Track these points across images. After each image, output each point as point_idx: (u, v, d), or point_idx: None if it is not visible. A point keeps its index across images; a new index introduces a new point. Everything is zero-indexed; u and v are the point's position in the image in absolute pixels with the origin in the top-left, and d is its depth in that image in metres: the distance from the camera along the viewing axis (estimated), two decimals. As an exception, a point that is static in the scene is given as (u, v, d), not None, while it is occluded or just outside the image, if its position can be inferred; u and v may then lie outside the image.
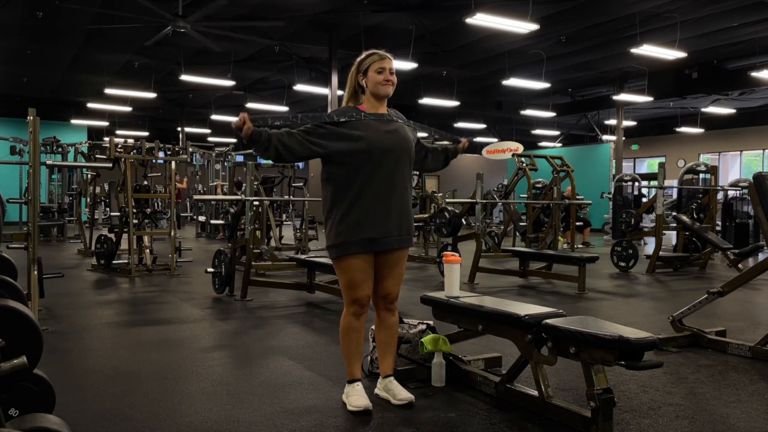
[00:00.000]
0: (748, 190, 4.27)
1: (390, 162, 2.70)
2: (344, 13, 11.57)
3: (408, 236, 2.80)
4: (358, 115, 2.72)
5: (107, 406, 2.79)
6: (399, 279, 2.84)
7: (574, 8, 11.15)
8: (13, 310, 1.84)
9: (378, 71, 2.72)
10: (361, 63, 2.77)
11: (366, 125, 2.70)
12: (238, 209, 6.27)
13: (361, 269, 2.71)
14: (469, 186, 13.28)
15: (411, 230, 2.82)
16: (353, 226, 2.67)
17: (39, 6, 10.88)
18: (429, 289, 4.11)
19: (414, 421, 2.62)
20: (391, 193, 2.71)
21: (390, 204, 2.70)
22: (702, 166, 10.79)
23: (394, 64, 2.79)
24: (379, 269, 2.78)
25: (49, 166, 8.85)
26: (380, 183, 2.68)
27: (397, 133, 2.75)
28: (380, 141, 2.68)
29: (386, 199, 2.70)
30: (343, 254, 2.70)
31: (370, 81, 2.73)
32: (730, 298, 4.20)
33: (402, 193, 2.75)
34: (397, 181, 2.72)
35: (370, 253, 2.71)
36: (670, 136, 23.13)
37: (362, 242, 2.67)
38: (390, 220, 2.70)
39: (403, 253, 2.82)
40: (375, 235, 2.68)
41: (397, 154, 2.72)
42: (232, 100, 19.34)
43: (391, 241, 2.72)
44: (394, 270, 2.80)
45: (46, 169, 13.57)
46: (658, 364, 2.48)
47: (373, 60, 2.74)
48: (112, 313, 5.10)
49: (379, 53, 2.76)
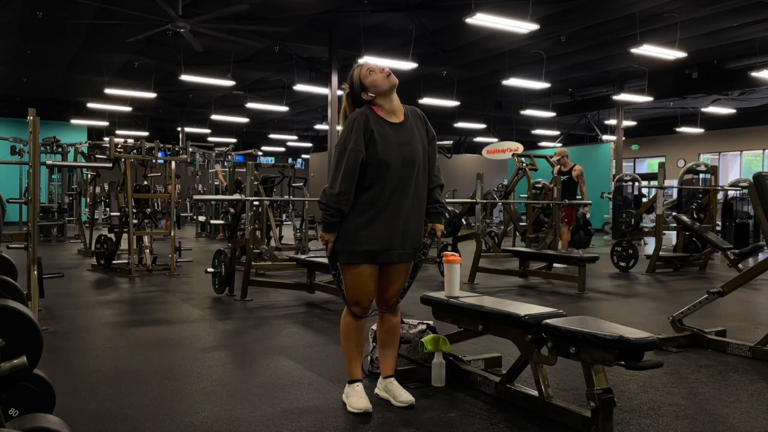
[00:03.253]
0: (748, 190, 4.27)
1: (404, 175, 2.67)
2: (344, 13, 11.56)
3: (412, 251, 2.77)
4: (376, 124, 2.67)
5: (107, 406, 2.78)
6: (402, 286, 2.84)
7: (574, 8, 11.14)
8: (13, 310, 1.84)
9: (369, 72, 2.71)
10: (354, 85, 2.73)
11: (382, 136, 2.65)
12: (238, 209, 6.27)
13: (364, 278, 2.71)
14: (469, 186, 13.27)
15: (416, 245, 2.78)
16: (357, 237, 2.66)
17: (39, 6, 10.88)
18: (429, 289, 4.10)
19: (414, 421, 2.62)
20: (400, 206, 2.68)
21: (398, 218, 2.68)
22: (702, 166, 10.76)
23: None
24: (383, 279, 2.78)
25: (49, 166, 8.85)
26: (391, 197, 2.66)
27: (410, 145, 2.71)
28: (394, 155, 2.65)
29: (395, 213, 2.67)
30: (345, 262, 2.72)
31: (371, 86, 2.69)
32: (730, 298, 4.20)
33: (413, 206, 2.72)
34: (410, 194, 2.70)
35: (373, 264, 2.71)
36: (670, 136, 23.13)
37: (364, 254, 2.67)
38: (394, 235, 2.69)
39: (407, 266, 2.82)
40: (377, 248, 2.67)
41: (410, 167, 2.69)
42: (232, 100, 19.34)
43: (392, 255, 2.71)
44: (399, 277, 2.81)
45: (46, 169, 13.56)
46: (658, 364, 2.48)
47: (358, 73, 2.73)
48: (112, 313, 5.10)
49: (358, 64, 2.79)
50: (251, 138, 26.70)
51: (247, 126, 23.41)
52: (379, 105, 2.72)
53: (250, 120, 21.58)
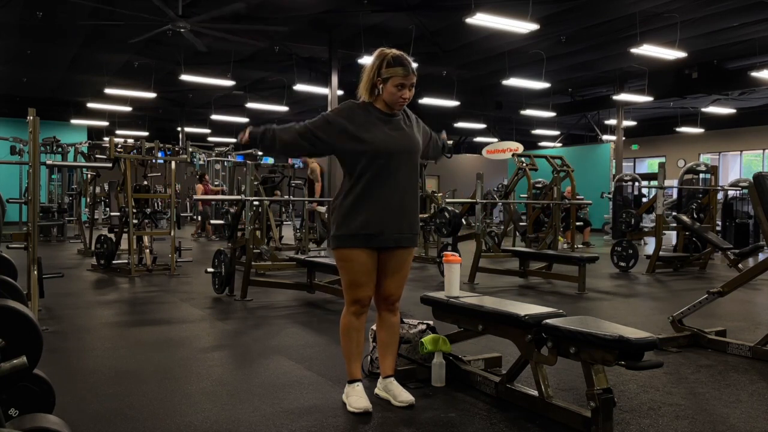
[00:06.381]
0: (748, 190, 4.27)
1: (395, 163, 2.69)
2: (344, 13, 11.56)
3: (410, 235, 2.78)
4: (368, 114, 2.71)
5: (107, 406, 2.78)
6: (402, 281, 2.84)
7: (574, 8, 11.15)
8: (13, 310, 1.84)
9: (398, 86, 2.66)
10: (384, 67, 2.66)
11: (374, 125, 2.69)
12: (238, 209, 6.27)
13: (362, 266, 2.71)
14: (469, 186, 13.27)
15: (414, 229, 2.80)
16: (353, 220, 2.67)
17: (39, 6, 10.88)
18: (429, 289, 4.10)
19: (414, 421, 2.62)
20: (393, 192, 2.70)
21: (392, 203, 2.70)
22: (702, 166, 10.76)
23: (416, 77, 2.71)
24: (381, 269, 2.77)
25: (49, 166, 8.86)
26: (384, 183, 2.68)
27: (403, 133, 2.75)
28: (385, 142, 2.68)
29: (389, 198, 2.69)
30: (341, 246, 2.71)
31: (387, 92, 2.68)
32: (730, 298, 4.20)
33: (406, 193, 2.74)
34: (401, 181, 2.72)
35: (371, 249, 2.71)
36: (670, 136, 23.13)
37: (360, 237, 2.67)
38: (390, 218, 2.70)
39: (406, 254, 2.81)
40: (373, 231, 2.68)
41: (402, 155, 2.72)
42: (232, 100, 19.34)
43: (389, 238, 2.71)
44: (398, 272, 2.80)
45: (46, 169, 13.56)
46: (658, 364, 2.48)
47: (396, 72, 2.64)
48: (112, 313, 5.10)
49: (406, 66, 2.66)
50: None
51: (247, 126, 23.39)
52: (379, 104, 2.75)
53: (250, 120, 21.56)
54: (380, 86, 2.70)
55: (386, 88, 2.68)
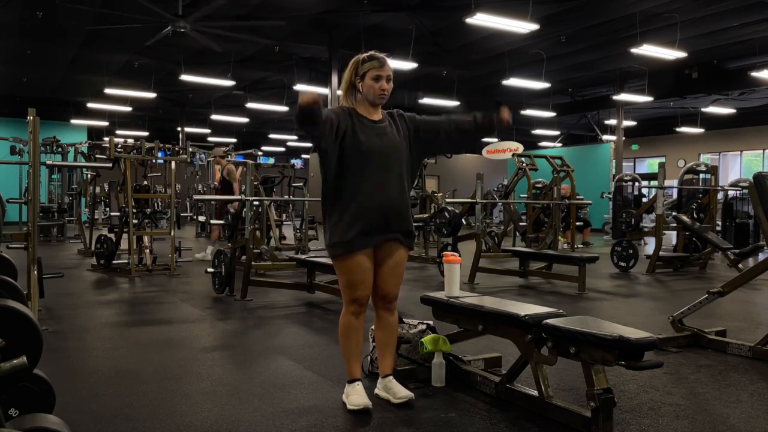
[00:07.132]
0: (748, 190, 4.27)
1: (382, 164, 2.71)
2: (344, 13, 11.56)
3: (403, 232, 2.79)
4: (354, 118, 2.73)
5: (107, 406, 2.78)
6: (398, 279, 2.84)
7: (574, 8, 11.15)
8: (13, 310, 1.84)
9: (375, 78, 2.71)
10: (359, 65, 2.74)
11: (361, 129, 2.71)
12: (238, 209, 6.27)
13: (359, 267, 2.72)
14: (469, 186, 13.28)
15: (405, 227, 2.80)
16: (347, 225, 2.68)
17: (39, 6, 10.88)
18: (429, 289, 4.11)
19: (414, 421, 2.62)
20: (384, 190, 2.71)
21: (382, 200, 2.71)
22: (702, 166, 10.76)
23: (391, 70, 2.77)
24: (378, 268, 2.78)
25: (49, 166, 8.85)
26: (373, 184, 2.69)
27: (389, 137, 2.77)
28: (373, 143, 2.70)
29: (379, 197, 2.70)
30: (339, 253, 2.72)
31: (366, 87, 2.72)
32: (730, 298, 4.20)
33: (395, 193, 2.75)
34: (390, 182, 2.73)
35: (367, 249, 2.71)
36: (670, 136, 23.13)
37: (356, 238, 2.68)
38: (381, 215, 2.71)
39: (401, 253, 2.82)
40: (365, 228, 2.69)
41: (390, 156, 2.74)
42: (232, 100, 19.34)
43: (381, 234, 2.72)
44: (394, 270, 2.80)
45: (46, 169, 13.56)
46: (658, 364, 2.48)
47: (372, 66, 2.71)
48: (112, 313, 5.10)
49: (379, 59, 2.72)
50: (251, 138, 26.70)
51: (247, 126, 23.40)
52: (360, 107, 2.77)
53: (250, 120, 21.58)
54: (359, 84, 2.73)
55: (365, 84, 2.71)
